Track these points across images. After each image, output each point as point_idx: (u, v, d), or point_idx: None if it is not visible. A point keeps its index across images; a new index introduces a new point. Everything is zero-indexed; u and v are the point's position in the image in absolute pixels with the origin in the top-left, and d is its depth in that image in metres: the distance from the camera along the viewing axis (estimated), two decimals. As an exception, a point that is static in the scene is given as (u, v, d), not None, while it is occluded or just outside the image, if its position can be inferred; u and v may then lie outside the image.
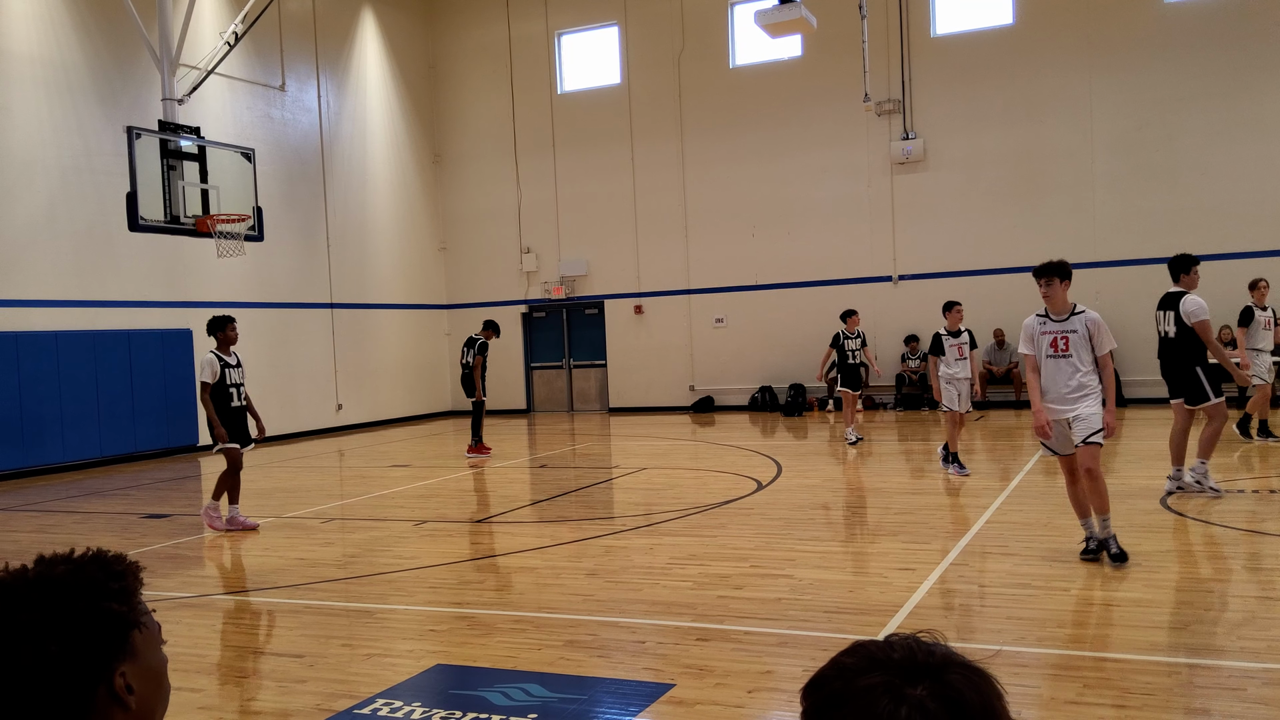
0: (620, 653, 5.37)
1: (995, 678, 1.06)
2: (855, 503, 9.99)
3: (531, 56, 22.25)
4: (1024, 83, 18.38)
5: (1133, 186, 17.76)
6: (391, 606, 6.66)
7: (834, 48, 19.03)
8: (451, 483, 12.33)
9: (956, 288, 18.80)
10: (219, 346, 9.62)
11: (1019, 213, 18.48)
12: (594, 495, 11.14)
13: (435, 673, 5.21)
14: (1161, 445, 12.70)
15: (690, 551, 7.84)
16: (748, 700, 4.58)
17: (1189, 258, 9.00)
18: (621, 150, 21.46)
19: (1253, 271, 16.85)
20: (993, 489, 10.02)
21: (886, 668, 1.05)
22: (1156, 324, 9.22)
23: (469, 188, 23.02)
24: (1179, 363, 8.89)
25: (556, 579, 7.14)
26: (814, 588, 6.48)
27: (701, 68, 20.75)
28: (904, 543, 7.72)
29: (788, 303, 20.19)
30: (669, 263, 21.23)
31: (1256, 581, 6.07)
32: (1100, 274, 17.72)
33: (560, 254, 22.20)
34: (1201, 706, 4.27)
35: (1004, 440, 14.14)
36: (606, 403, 22.19)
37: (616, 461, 14.20)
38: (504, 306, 22.45)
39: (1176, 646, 5.03)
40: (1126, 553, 6.52)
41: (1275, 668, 4.63)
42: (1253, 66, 16.97)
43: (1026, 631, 5.40)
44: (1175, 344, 8.89)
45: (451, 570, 7.52)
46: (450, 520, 9.63)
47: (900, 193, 19.35)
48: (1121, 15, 17.78)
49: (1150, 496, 9.06)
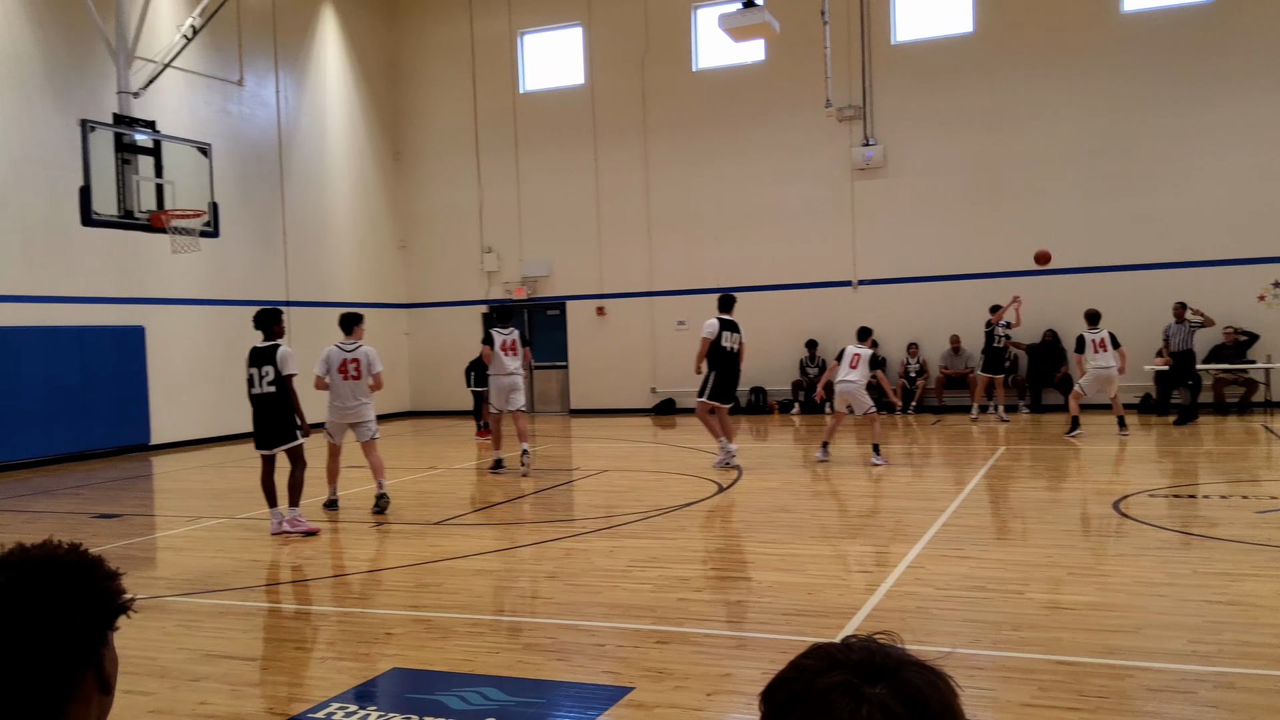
0: (579, 656, 5.35)
1: (951, 676, 1.08)
2: (815, 506, 10.03)
3: (494, 55, 22.16)
4: (983, 90, 18.58)
5: (1091, 194, 18.00)
6: (347, 609, 6.58)
7: (796, 53, 19.13)
8: (409, 484, 12.22)
9: (915, 293, 19.01)
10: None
11: (978, 220, 18.67)
12: (554, 497, 11.10)
13: (391, 676, 5.15)
14: (1111, 449, 12.90)
15: (651, 554, 7.83)
16: (707, 703, 4.58)
17: None
18: (585, 151, 21.42)
19: (1207, 279, 17.20)
20: (949, 493, 10.11)
21: (846, 668, 1.06)
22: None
23: (430, 186, 22.87)
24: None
25: (515, 582, 7.10)
26: (773, 590, 6.49)
27: (665, 70, 20.77)
28: (862, 545, 7.76)
29: (749, 306, 20.13)
30: (632, 265, 21.23)
31: (1208, 585, 6.17)
32: (1058, 280, 17.97)
33: (522, 254, 22.12)
34: (1154, 710, 4.32)
35: (960, 444, 14.28)
36: (568, 404, 22.13)
37: (577, 463, 14.17)
38: (465, 306, 22.34)
39: (1130, 650, 5.09)
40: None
41: (1226, 671, 4.70)
42: (1208, 77, 17.27)
43: (982, 634, 5.44)
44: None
45: (408, 573, 7.44)
46: (407, 522, 9.55)
47: (861, 198, 19.48)
48: (1080, 24, 18.03)
49: (1103, 501, 9.19)
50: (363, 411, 10.09)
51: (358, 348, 10.09)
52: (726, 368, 12.36)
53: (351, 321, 10.24)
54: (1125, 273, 17.75)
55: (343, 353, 10.06)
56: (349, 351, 10.07)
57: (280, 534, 8.99)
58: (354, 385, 10.03)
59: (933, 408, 18.96)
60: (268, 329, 9.23)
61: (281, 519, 9.09)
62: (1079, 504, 9.40)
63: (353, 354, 10.05)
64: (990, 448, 13.55)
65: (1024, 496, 10.04)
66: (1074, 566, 6.86)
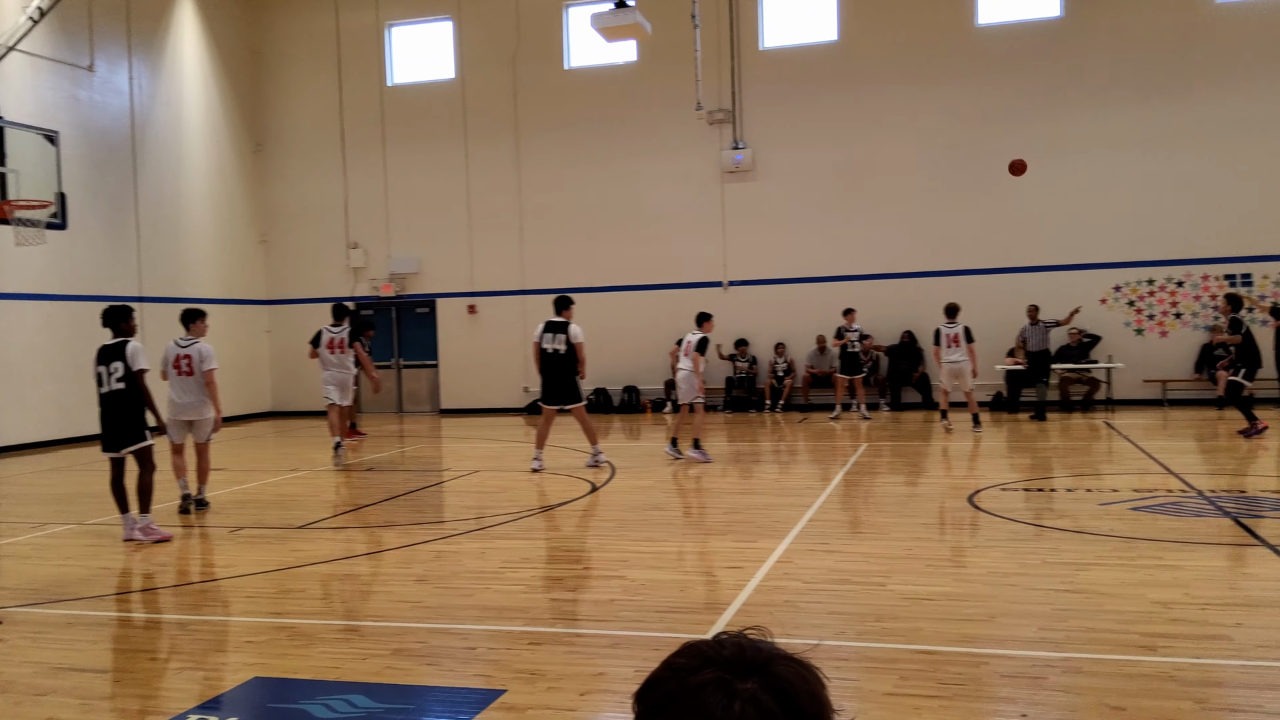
0: (450, 660, 5.27)
1: (819, 668, 1.12)
2: (687, 503, 10.14)
3: (361, 46, 21.67)
4: (848, 98, 19.11)
5: (947, 201, 18.73)
6: (204, 617, 6.33)
7: (668, 55, 19.31)
8: (271, 487, 11.85)
9: (783, 294, 19.43)
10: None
11: (843, 223, 19.20)
12: (424, 499, 10.93)
13: (252, 686, 4.98)
14: (966, 445, 13.45)
15: (523, 555, 7.78)
16: (580, 703, 4.58)
17: None
18: (455, 146, 21.15)
19: (1055, 283, 18.10)
20: (815, 488, 10.37)
21: (718, 665, 1.09)
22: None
23: (293, 178, 22.21)
24: None
25: (384, 586, 6.95)
26: (646, 588, 6.54)
27: (537, 67, 20.68)
28: (733, 541, 7.89)
29: (622, 306, 20.35)
30: (504, 263, 21.06)
31: (1056, 575, 6.48)
32: (915, 283, 18.64)
33: (390, 250, 21.70)
34: (1007, 695, 4.52)
35: (825, 441, 14.65)
36: (438, 404, 21.81)
37: (448, 464, 13.98)
38: (329, 303, 21.69)
39: (984, 638, 5.32)
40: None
41: (1073, 656, 4.95)
42: (1058, 89, 18.17)
43: (846, 626, 5.60)
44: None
45: (270, 578, 7.21)
46: (269, 526, 9.25)
47: (731, 200, 19.79)
48: (937, 36, 18.73)
49: (958, 495, 9.57)
50: (197, 410, 9.82)
51: (193, 344, 9.86)
52: (544, 369, 12.35)
53: (190, 317, 10.05)
54: (980, 276, 18.52)
55: (178, 349, 9.86)
56: (184, 348, 9.85)
57: (131, 540, 8.60)
58: (187, 382, 9.80)
59: (799, 406, 19.41)
60: (116, 326, 8.90)
61: (134, 525, 8.69)
62: (936, 498, 9.76)
63: (186, 350, 9.83)
64: (853, 445, 13.96)
65: (885, 492, 10.37)
66: (932, 558, 7.13)
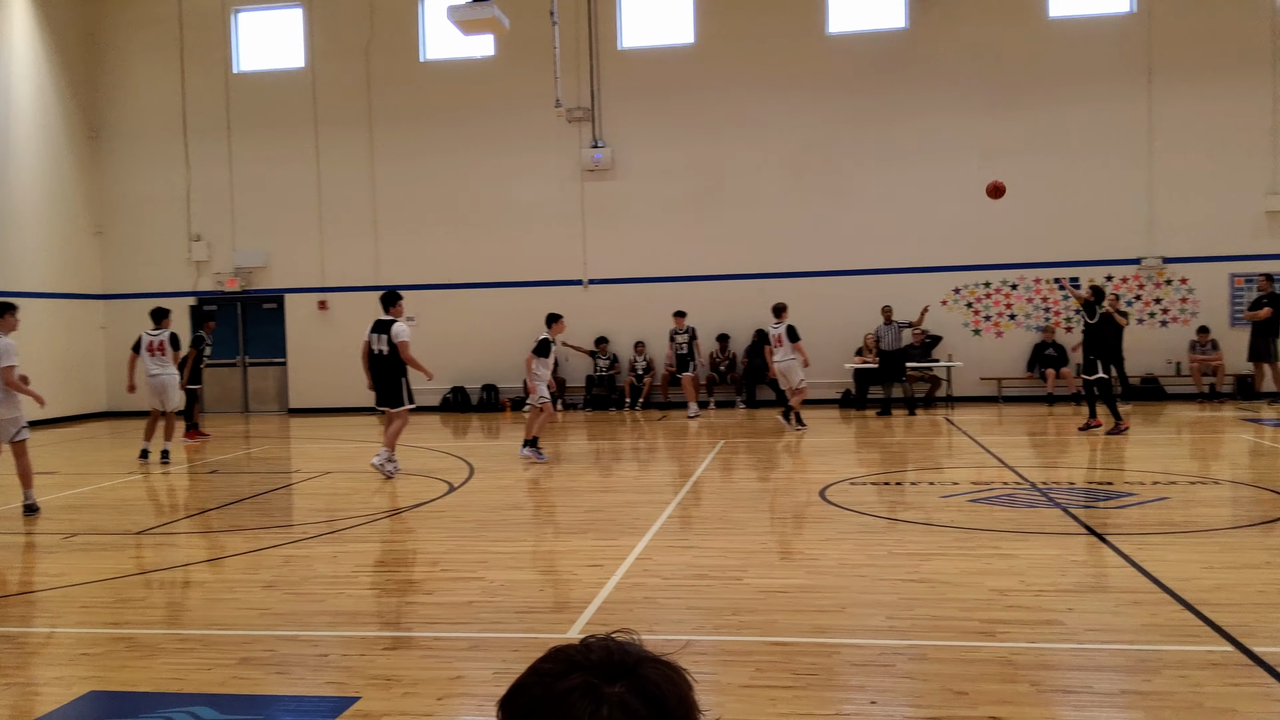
0: (300, 668, 5.11)
1: (686, 669, 1.12)
2: (546, 502, 10.11)
3: (204, 31, 20.77)
4: (704, 100, 19.40)
5: (798, 204, 19.22)
6: (34, 629, 5.96)
7: (527, 51, 19.19)
8: (107, 491, 11.24)
9: (643, 293, 19.58)
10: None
11: (701, 224, 19.48)
12: (272, 502, 10.55)
13: (88, 700, 4.71)
14: (817, 442, 13.85)
15: (377, 558, 7.61)
16: (437, 708, 4.50)
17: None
18: (305, 137, 20.51)
19: (902, 285, 18.77)
20: (673, 485, 10.49)
21: (585, 669, 1.08)
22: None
23: (132, 167, 21.12)
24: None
25: (229, 593, 6.68)
26: (505, 589, 6.48)
27: (391, 59, 20.24)
28: (593, 540, 7.90)
29: (481, 303, 20.12)
30: (357, 257, 20.53)
31: (902, 565, 6.73)
32: (768, 285, 19.07)
33: (235, 243, 20.88)
34: (858, 683, 4.67)
35: (683, 439, 14.84)
36: (286, 403, 21.11)
37: (297, 465, 13.55)
38: (170, 298, 20.73)
39: (836, 628, 5.48)
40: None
41: (919, 644, 5.15)
42: (902, 98, 18.88)
43: (704, 620, 5.68)
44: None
45: (107, 587, 6.84)
46: (106, 532, 8.77)
47: (590, 199, 19.82)
48: (790, 42, 19.20)
49: (810, 490, 9.83)
50: (4, 409, 9.24)
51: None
52: (373, 369, 12.07)
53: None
54: (829, 278, 19.08)
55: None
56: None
57: None
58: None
59: (659, 404, 19.60)
60: None
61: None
62: (789, 493, 10.01)
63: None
64: (711, 442, 14.18)
65: (741, 487, 10.57)
66: (786, 552, 7.31)
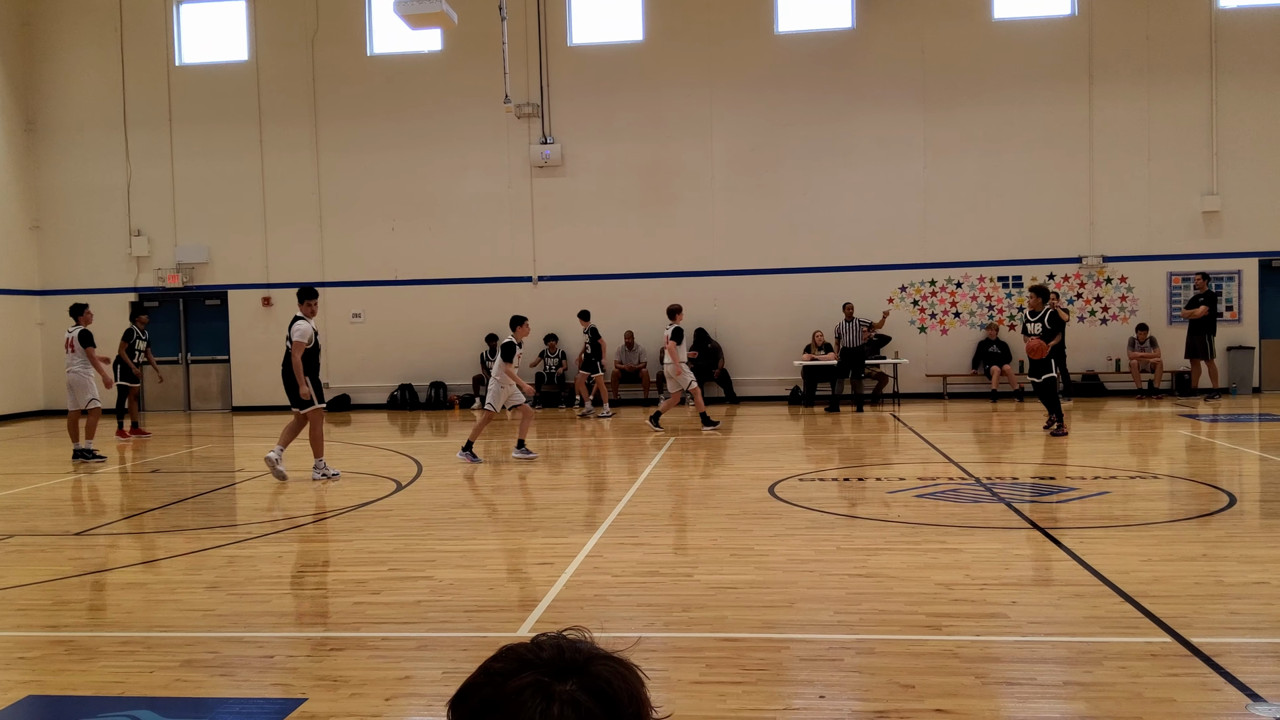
0: (245, 670, 5.03)
1: (637, 666, 1.12)
2: (495, 500, 10.05)
3: (145, 23, 20.36)
4: (653, 98, 19.41)
5: (746, 202, 19.32)
6: (-33, 636, 5.80)
7: (475, 46, 19.07)
8: (44, 491, 10.99)
9: (592, 290, 19.55)
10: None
11: (650, 221, 19.50)
12: (214, 501, 10.38)
13: (26, 705, 4.60)
14: (767, 439, 13.93)
15: (323, 558, 7.52)
16: (385, 709, 4.45)
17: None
18: (249, 132, 20.19)
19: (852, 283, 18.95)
20: (624, 482, 10.49)
21: (536, 667, 1.07)
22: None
23: (69, 161, 20.65)
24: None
25: (171, 594, 6.56)
26: (454, 588, 6.43)
27: (337, 52, 20.00)
28: (543, 537, 7.87)
29: (429, 300, 19.97)
30: (302, 253, 20.26)
31: (849, 560, 6.79)
32: (716, 282, 19.16)
33: (177, 239, 20.50)
34: (806, 678, 4.70)
35: (634, 436, 14.84)
36: (229, 401, 20.78)
37: (241, 464, 13.33)
38: (109, 294, 20.34)
39: (785, 623, 5.51)
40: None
41: (866, 638, 5.20)
42: (847, 98, 19.05)
43: (655, 617, 5.68)
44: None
45: (45, 589, 6.68)
46: (43, 534, 8.57)
47: (540, 195, 19.75)
48: (738, 41, 19.28)
49: (759, 486, 9.89)
50: None
51: None
52: (282, 367, 11.40)
53: None
54: (775, 276, 19.20)
55: None
56: None
57: None
58: None
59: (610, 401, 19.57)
60: None
61: None
62: (738, 489, 10.05)
63: None
64: (662, 438, 14.19)
65: (691, 484, 10.60)
66: (735, 548, 7.33)
